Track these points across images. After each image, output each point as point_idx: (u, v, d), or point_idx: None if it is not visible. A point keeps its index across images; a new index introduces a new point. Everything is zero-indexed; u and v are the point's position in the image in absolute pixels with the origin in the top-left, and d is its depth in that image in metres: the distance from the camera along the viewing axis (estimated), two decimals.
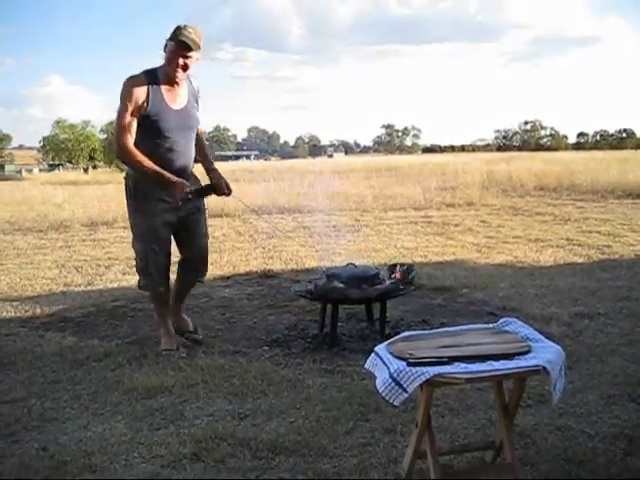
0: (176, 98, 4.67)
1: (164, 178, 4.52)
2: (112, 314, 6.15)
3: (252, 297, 6.69)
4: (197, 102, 4.87)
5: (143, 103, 4.52)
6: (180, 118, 4.69)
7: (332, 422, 3.52)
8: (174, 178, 4.53)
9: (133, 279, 7.69)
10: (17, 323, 5.88)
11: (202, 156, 4.98)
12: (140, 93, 4.51)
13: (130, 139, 4.51)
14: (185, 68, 4.60)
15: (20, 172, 70.20)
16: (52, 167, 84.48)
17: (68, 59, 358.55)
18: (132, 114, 4.50)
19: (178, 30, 4.51)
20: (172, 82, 4.63)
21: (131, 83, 4.53)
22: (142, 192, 4.65)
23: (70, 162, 77.76)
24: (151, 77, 4.58)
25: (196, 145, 4.88)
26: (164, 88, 4.61)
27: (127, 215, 4.88)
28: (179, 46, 4.51)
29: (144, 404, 3.88)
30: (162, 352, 4.74)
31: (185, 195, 4.51)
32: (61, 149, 74.79)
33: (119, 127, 4.53)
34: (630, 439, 3.24)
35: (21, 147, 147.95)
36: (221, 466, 3.10)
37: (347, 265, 5.34)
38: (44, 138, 78.22)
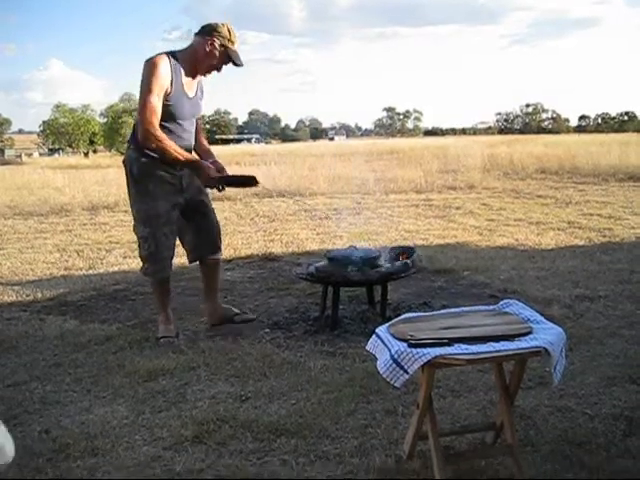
0: (191, 86, 4.66)
1: (195, 164, 4.53)
2: (113, 298, 6.16)
3: (253, 280, 6.69)
4: (202, 91, 4.86)
5: (167, 88, 4.45)
6: (191, 106, 4.68)
7: (333, 404, 3.53)
8: (205, 163, 4.55)
9: (134, 263, 7.71)
10: (18, 307, 5.89)
11: (199, 144, 4.97)
12: (166, 77, 4.43)
13: (156, 122, 4.39)
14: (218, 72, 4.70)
15: (20, 156, 70.11)
16: (52, 151, 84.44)
17: (69, 44, 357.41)
18: (158, 96, 4.40)
19: (233, 44, 4.58)
20: (195, 74, 4.65)
21: (158, 65, 4.40)
22: (146, 176, 4.55)
23: (70, 146, 77.79)
24: (174, 62, 4.50)
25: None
26: (184, 75, 4.57)
27: (129, 201, 4.77)
28: (228, 59, 4.61)
29: (146, 387, 3.89)
30: (160, 340, 4.69)
31: (214, 181, 4.53)
32: (61, 133, 74.82)
33: (146, 110, 4.34)
34: (630, 420, 3.25)
35: (21, 131, 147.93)
36: (223, 449, 3.11)
37: (348, 248, 5.34)
38: (44, 122, 78.27)
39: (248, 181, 4.78)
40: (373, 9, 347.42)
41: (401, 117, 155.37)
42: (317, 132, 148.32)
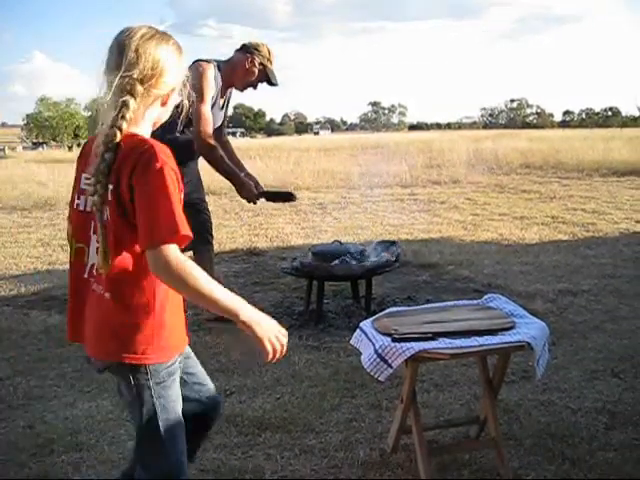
0: (223, 97, 4.80)
1: (239, 179, 4.65)
2: None
3: (238, 274, 6.69)
4: (229, 102, 5.02)
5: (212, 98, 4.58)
6: (220, 116, 4.85)
7: (318, 398, 3.55)
8: (246, 180, 4.67)
9: None
10: (2, 302, 5.86)
11: (231, 156, 5.01)
12: (213, 86, 4.56)
13: (211, 131, 4.50)
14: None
15: (4, 150, 69.59)
16: (36, 145, 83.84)
17: (51, 36, 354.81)
18: (208, 104, 4.51)
19: (271, 63, 4.75)
20: (230, 86, 4.80)
21: (209, 73, 4.52)
22: None
23: (54, 140, 77.31)
24: (217, 72, 4.62)
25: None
26: (221, 88, 4.69)
27: None
28: (265, 77, 4.77)
29: None
30: None
31: (253, 197, 4.67)
32: (45, 127, 74.39)
33: (201, 121, 4.43)
34: (612, 414, 3.29)
35: (4, 125, 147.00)
36: (207, 443, 3.08)
37: (333, 242, 5.35)
38: (27, 116, 77.69)
39: (286, 196, 4.94)
40: (357, 4, 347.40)
41: (386, 112, 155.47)
42: (302, 126, 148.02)
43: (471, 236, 8.54)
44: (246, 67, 4.70)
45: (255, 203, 4.82)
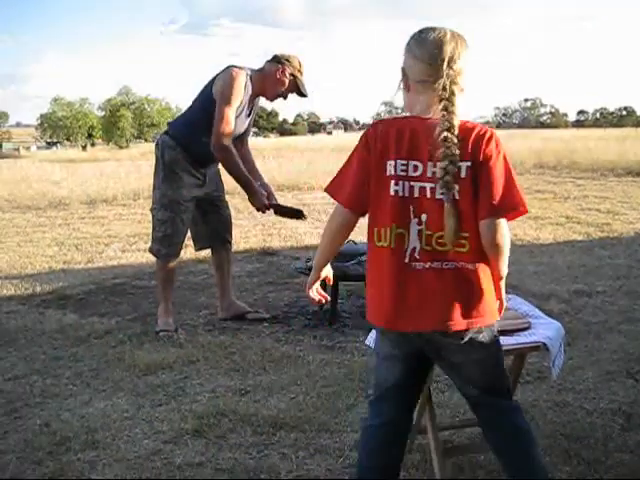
0: (250, 105, 4.82)
1: (252, 187, 4.68)
2: (112, 291, 6.17)
3: (252, 274, 6.71)
4: (256, 110, 5.04)
5: (239, 105, 4.62)
6: (246, 124, 4.89)
7: (333, 398, 3.55)
8: (260, 191, 4.71)
9: (133, 257, 7.75)
10: (17, 301, 5.90)
11: (250, 164, 5.04)
12: (242, 93, 4.61)
13: (230, 134, 4.54)
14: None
15: (18, 150, 70.02)
16: (50, 145, 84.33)
17: (66, 37, 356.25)
18: (234, 110, 4.55)
19: (302, 75, 4.80)
20: (258, 95, 4.85)
21: (241, 80, 4.57)
22: (176, 164, 4.71)
23: (68, 140, 77.72)
24: (248, 80, 4.66)
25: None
26: (250, 97, 4.73)
27: (153, 183, 4.86)
28: (295, 88, 4.82)
29: (145, 381, 3.90)
30: (159, 333, 4.72)
31: (264, 206, 4.74)
32: (59, 127, 74.75)
33: (223, 122, 4.48)
34: (628, 415, 3.27)
35: (19, 125, 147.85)
36: (222, 442, 3.12)
37: (347, 242, 5.34)
38: (42, 116, 78.04)
39: (296, 214, 4.96)
40: (370, 2, 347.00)
41: (399, 111, 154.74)
42: (315, 126, 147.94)
43: None
44: (277, 77, 4.74)
45: (264, 212, 4.87)
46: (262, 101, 5.02)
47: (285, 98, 4.89)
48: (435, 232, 2.02)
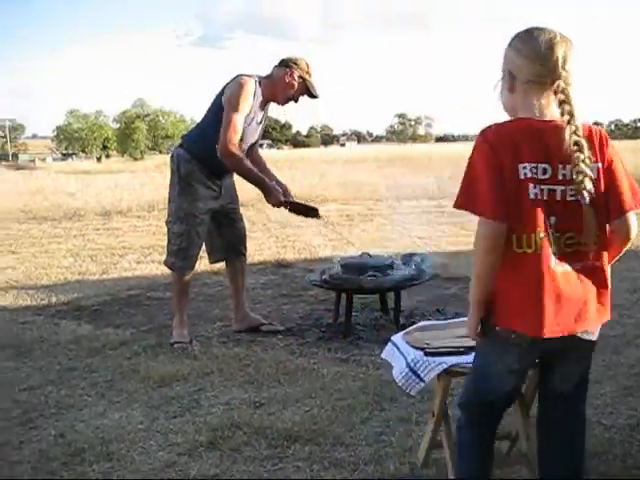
0: (261, 112, 4.85)
1: (265, 185, 4.69)
2: (127, 303, 6.18)
3: (266, 286, 6.70)
4: (267, 117, 5.05)
5: (249, 113, 4.65)
6: (257, 130, 4.90)
7: (347, 411, 3.53)
8: (275, 187, 4.72)
9: (147, 268, 7.77)
10: (33, 311, 5.93)
11: (262, 166, 5.07)
12: (251, 100, 4.64)
13: (237, 140, 4.55)
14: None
15: (34, 161, 70.54)
16: (65, 156, 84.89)
17: (82, 50, 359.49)
18: (242, 116, 4.58)
19: (310, 76, 4.83)
20: (269, 101, 4.87)
21: (249, 87, 4.61)
22: (191, 176, 4.72)
23: (83, 151, 78.20)
24: (257, 87, 4.70)
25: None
26: (259, 103, 4.76)
27: (169, 196, 4.87)
28: (305, 90, 4.83)
29: (160, 392, 3.90)
30: (174, 345, 4.72)
31: (280, 203, 4.73)
32: (74, 138, 75.18)
33: (230, 127, 4.51)
34: None
35: (35, 137, 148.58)
36: (237, 455, 3.11)
37: (362, 255, 5.35)
38: (57, 127, 78.55)
39: (311, 211, 4.96)
40: (383, 14, 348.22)
41: (412, 123, 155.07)
42: (328, 138, 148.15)
43: None
44: (286, 81, 4.76)
45: (279, 207, 4.83)
46: (275, 113, 5.04)
47: (296, 101, 4.90)
48: (564, 234, 2.03)
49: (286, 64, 4.80)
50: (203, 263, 6.43)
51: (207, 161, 4.69)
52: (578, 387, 2.27)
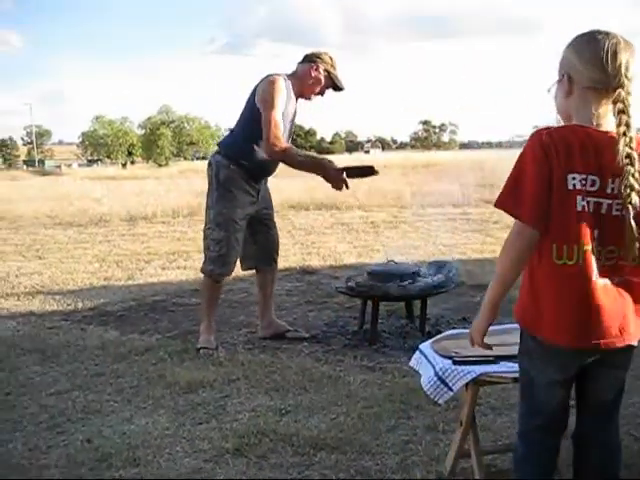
0: (292, 109, 4.88)
1: (322, 163, 4.72)
2: (152, 308, 6.21)
3: (291, 293, 6.71)
4: (296, 114, 5.05)
5: (284, 109, 4.69)
6: (290, 127, 4.93)
7: (373, 419, 3.52)
8: (328, 164, 4.69)
9: (173, 274, 7.80)
10: (60, 316, 5.97)
11: None
12: (285, 98, 4.68)
13: (281, 136, 4.59)
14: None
15: (60, 167, 71.18)
16: (91, 162, 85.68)
17: (108, 57, 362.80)
18: (280, 112, 4.62)
19: (335, 69, 4.88)
20: (298, 97, 4.90)
21: (281, 84, 4.66)
22: (230, 182, 4.74)
23: (109, 157, 78.82)
24: (288, 84, 4.75)
25: None
26: (290, 99, 4.79)
27: (207, 203, 4.90)
28: (330, 84, 4.89)
29: (186, 398, 3.91)
30: (200, 350, 4.74)
31: (338, 175, 4.66)
32: (100, 144, 75.82)
33: (271, 125, 4.54)
34: None
35: (61, 143, 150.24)
36: (263, 462, 3.11)
37: (388, 262, 5.34)
38: (83, 134, 79.29)
39: (368, 171, 4.86)
40: (408, 21, 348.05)
41: (437, 130, 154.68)
42: (353, 145, 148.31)
43: None
44: (312, 75, 4.81)
45: (340, 189, 4.72)
46: (299, 119, 5.04)
47: (322, 95, 4.95)
48: (604, 247, 2.00)
49: (310, 59, 4.85)
50: None
51: (245, 164, 4.72)
52: (615, 399, 2.25)
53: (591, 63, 1.98)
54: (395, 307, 5.61)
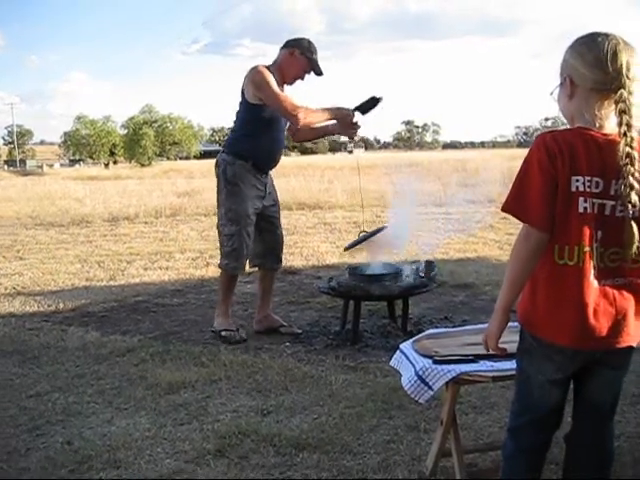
0: None
1: (338, 112, 4.93)
2: (134, 309, 6.18)
3: (274, 293, 6.68)
4: None
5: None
6: (279, 118, 5.01)
7: (355, 419, 3.52)
8: (336, 112, 4.92)
9: (155, 274, 7.77)
10: (40, 317, 5.93)
11: None
12: (274, 79, 4.80)
13: (297, 102, 4.76)
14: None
15: (41, 167, 70.72)
16: (73, 162, 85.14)
17: (90, 56, 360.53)
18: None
19: (314, 55, 5.00)
20: (282, 84, 4.99)
21: (267, 71, 4.80)
22: (238, 177, 4.89)
23: (91, 157, 78.27)
24: (272, 74, 4.85)
25: None
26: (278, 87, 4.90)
27: (217, 200, 5.04)
28: (309, 68, 5.00)
29: (167, 399, 3.89)
30: (221, 333, 4.96)
31: (353, 127, 5.00)
32: (82, 144, 75.19)
33: (281, 99, 4.74)
34: None
35: (42, 142, 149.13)
36: (245, 462, 3.10)
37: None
38: (65, 133, 78.69)
39: (374, 102, 4.97)
40: (390, 23, 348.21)
41: (420, 130, 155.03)
42: (336, 145, 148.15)
43: (507, 256, 8.41)
44: (291, 59, 4.94)
45: (353, 137, 5.21)
46: None
47: (302, 79, 5.05)
48: (607, 249, 2.01)
49: (287, 44, 5.00)
50: (211, 270, 6.43)
51: (249, 156, 4.88)
52: (612, 402, 2.26)
53: (592, 65, 1.99)
54: (377, 307, 5.62)
